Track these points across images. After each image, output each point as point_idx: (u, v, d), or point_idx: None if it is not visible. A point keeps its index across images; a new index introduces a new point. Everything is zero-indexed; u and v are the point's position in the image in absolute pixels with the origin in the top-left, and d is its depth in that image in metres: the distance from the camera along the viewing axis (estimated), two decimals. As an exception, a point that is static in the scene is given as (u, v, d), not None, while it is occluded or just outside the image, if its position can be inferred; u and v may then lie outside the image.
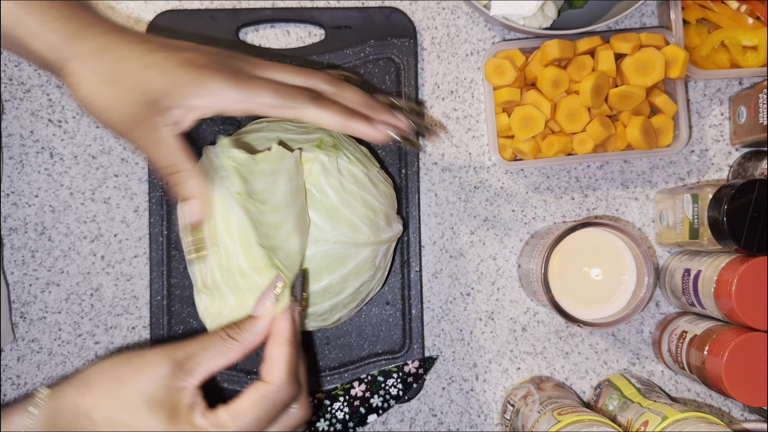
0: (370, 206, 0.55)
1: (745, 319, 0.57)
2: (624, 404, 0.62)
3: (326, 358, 0.66)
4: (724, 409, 0.68)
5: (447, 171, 0.69)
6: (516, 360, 0.68)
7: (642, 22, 0.70)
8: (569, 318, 0.60)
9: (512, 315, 0.68)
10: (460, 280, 0.68)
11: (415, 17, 0.69)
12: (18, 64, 0.67)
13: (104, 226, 0.67)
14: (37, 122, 0.67)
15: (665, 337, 0.66)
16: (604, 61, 0.63)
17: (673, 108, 0.65)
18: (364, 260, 0.54)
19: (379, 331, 0.66)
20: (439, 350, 0.68)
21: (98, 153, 0.67)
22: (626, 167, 0.69)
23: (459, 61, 0.69)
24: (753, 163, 0.67)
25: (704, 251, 0.64)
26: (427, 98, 0.69)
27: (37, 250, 0.66)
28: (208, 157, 0.52)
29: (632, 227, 0.69)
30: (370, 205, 0.55)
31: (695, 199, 0.62)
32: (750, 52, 0.67)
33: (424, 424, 0.68)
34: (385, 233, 0.56)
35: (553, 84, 0.64)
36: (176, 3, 0.68)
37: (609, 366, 0.69)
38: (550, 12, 0.65)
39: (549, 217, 0.69)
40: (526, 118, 0.64)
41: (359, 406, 0.65)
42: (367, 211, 0.54)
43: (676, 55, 0.63)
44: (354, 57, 0.67)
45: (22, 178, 0.67)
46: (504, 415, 0.66)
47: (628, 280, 0.62)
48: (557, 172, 0.69)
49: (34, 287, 0.66)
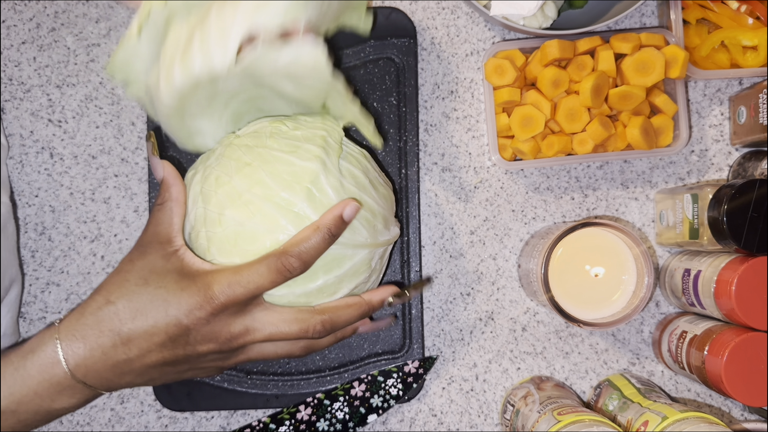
0: (369, 208, 0.54)
1: (745, 319, 0.57)
2: (624, 404, 0.62)
3: (326, 358, 0.66)
4: (724, 409, 0.68)
5: (447, 171, 0.69)
6: (516, 360, 0.68)
7: (642, 22, 0.70)
8: (569, 318, 0.60)
9: (512, 315, 0.68)
10: (460, 280, 0.68)
11: (415, 17, 0.69)
12: (18, 64, 0.67)
13: (104, 226, 0.67)
14: (37, 122, 0.67)
15: (665, 337, 0.66)
16: (604, 61, 0.63)
17: (673, 108, 0.65)
18: (361, 262, 0.54)
19: (379, 331, 0.66)
20: (439, 350, 0.68)
21: (98, 153, 0.67)
22: (626, 167, 0.69)
23: (459, 61, 0.69)
24: (753, 163, 0.67)
25: (704, 251, 0.64)
26: (427, 98, 0.69)
27: (37, 250, 0.66)
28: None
29: (632, 227, 0.69)
30: (369, 207, 0.54)
31: (695, 199, 0.62)
32: (750, 52, 0.67)
33: (424, 424, 0.68)
34: (383, 236, 0.56)
35: (553, 84, 0.64)
36: (176, 3, 0.68)
37: (609, 366, 0.69)
38: (550, 12, 0.65)
39: (549, 217, 0.69)
40: (526, 118, 0.64)
41: (359, 406, 0.65)
42: (366, 213, 0.54)
43: (676, 55, 0.63)
44: (354, 57, 0.67)
45: (22, 178, 0.67)
46: (504, 415, 0.66)
47: (628, 280, 0.62)
48: (557, 172, 0.69)
49: (34, 287, 0.66)
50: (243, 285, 0.49)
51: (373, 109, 0.67)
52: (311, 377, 0.66)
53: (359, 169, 0.55)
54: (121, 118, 0.67)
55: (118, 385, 0.51)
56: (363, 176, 0.55)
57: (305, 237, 0.50)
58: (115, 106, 0.67)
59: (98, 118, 0.67)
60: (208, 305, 0.48)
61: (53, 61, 0.67)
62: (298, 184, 0.51)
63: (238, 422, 0.67)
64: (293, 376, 0.66)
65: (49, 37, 0.67)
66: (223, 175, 0.53)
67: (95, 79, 0.67)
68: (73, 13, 0.68)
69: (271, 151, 0.53)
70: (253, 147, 0.54)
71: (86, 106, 0.67)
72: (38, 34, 0.67)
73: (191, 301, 0.49)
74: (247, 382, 0.65)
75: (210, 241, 0.52)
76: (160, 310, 0.49)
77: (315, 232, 0.50)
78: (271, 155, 0.53)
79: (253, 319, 0.51)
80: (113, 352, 0.49)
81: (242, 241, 0.51)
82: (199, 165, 0.56)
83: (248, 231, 0.51)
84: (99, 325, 0.49)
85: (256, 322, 0.51)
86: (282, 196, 0.51)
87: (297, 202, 0.51)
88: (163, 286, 0.49)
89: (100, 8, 0.68)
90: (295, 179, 0.52)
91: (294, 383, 0.65)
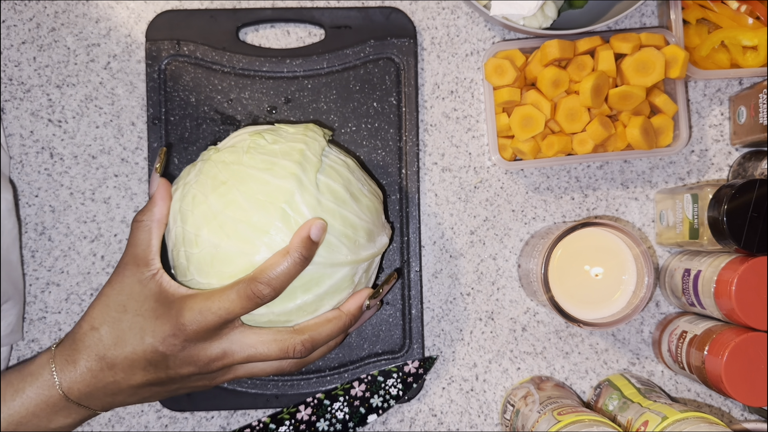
0: (349, 224, 0.53)
1: (745, 319, 0.57)
2: (624, 404, 0.62)
3: (326, 358, 0.66)
4: (724, 409, 0.68)
5: (447, 171, 0.69)
6: (516, 360, 0.68)
7: (642, 22, 0.70)
8: (569, 318, 0.60)
9: (512, 315, 0.68)
10: (460, 280, 0.68)
11: (415, 17, 0.69)
12: (18, 64, 0.67)
13: (104, 226, 0.67)
14: (37, 122, 0.67)
15: (665, 337, 0.66)
16: (604, 61, 0.63)
17: (673, 108, 0.65)
18: (342, 279, 0.54)
19: (379, 331, 0.66)
20: (439, 350, 0.68)
21: (98, 153, 0.67)
22: (626, 167, 0.69)
23: (459, 61, 0.69)
24: (753, 163, 0.67)
25: (704, 251, 0.64)
26: (427, 98, 0.69)
27: (37, 250, 0.66)
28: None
29: (632, 227, 0.69)
30: (349, 222, 0.53)
31: (695, 199, 0.62)
32: (750, 52, 0.67)
33: (424, 424, 0.68)
34: (366, 250, 0.55)
35: (553, 84, 0.64)
36: (176, 3, 0.68)
37: (609, 366, 0.69)
38: (550, 12, 0.65)
39: (549, 217, 0.69)
40: (526, 118, 0.64)
41: (359, 406, 0.65)
42: (346, 230, 0.53)
43: (676, 55, 0.63)
44: (354, 57, 0.67)
45: (22, 178, 0.67)
46: (504, 415, 0.66)
47: (628, 280, 0.62)
48: (557, 172, 0.69)
49: (34, 287, 0.66)
50: (213, 312, 0.50)
51: (373, 109, 0.67)
52: (311, 377, 0.66)
53: (339, 183, 0.54)
54: (121, 118, 0.67)
55: (111, 404, 0.53)
56: (343, 190, 0.54)
57: (275, 263, 0.50)
58: (115, 106, 0.67)
59: (98, 118, 0.67)
60: (180, 333, 0.50)
61: (53, 61, 0.67)
62: (272, 204, 0.51)
63: (238, 422, 0.67)
64: (293, 376, 0.66)
65: (49, 37, 0.67)
66: (199, 194, 0.52)
67: (95, 79, 0.67)
68: (73, 13, 0.68)
69: (246, 168, 0.52)
70: (229, 164, 0.53)
71: (86, 106, 0.67)
72: (38, 34, 0.67)
73: (165, 329, 0.50)
74: (247, 382, 0.65)
75: (189, 261, 0.52)
76: (138, 338, 0.51)
77: (284, 258, 0.50)
78: (246, 173, 0.52)
79: (230, 342, 0.51)
80: (102, 375, 0.51)
81: (218, 262, 0.51)
82: (180, 181, 0.56)
83: (223, 253, 0.51)
84: (87, 351, 0.51)
85: (234, 345, 0.51)
86: (256, 218, 0.51)
87: (271, 222, 0.51)
88: (140, 314, 0.51)
89: (100, 8, 0.68)
90: (269, 199, 0.51)
91: (294, 383, 0.65)
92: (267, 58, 0.67)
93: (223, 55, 0.66)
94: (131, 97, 0.67)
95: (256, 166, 0.52)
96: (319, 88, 0.67)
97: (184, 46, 0.66)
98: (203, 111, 0.66)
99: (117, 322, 0.51)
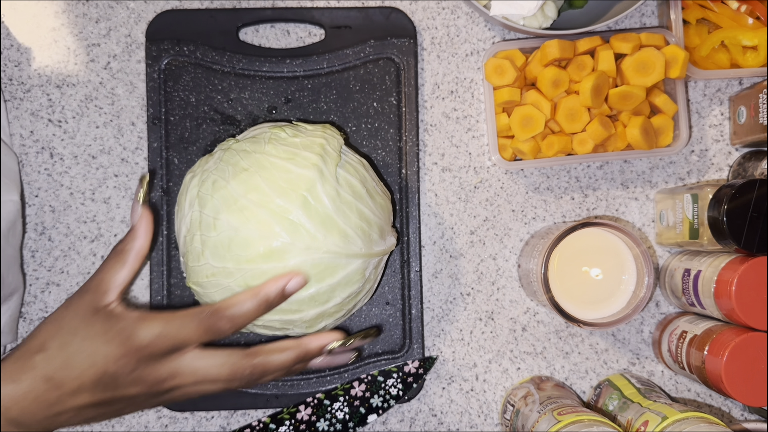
0: (365, 218, 0.54)
1: (745, 319, 0.57)
2: (624, 404, 0.62)
3: (326, 358, 0.66)
4: (724, 409, 0.68)
5: (447, 171, 0.69)
6: (516, 360, 0.68)
7: (642, 22, 0.70)
8: (569, 318, 0.60)
9: (512, 315, 0.68)
10: (460, 280, 0.68)
11: (415, 17, 0.69)
12: (18, 64, 0.67)
13: (104, 226, 0.67)
14: (37, 122, 0.67)
15: (665, 337, 0.66)
16: (604, 61, 0.63)
17: (673, 108, 0.65)
18: (354, 271, 0.54)
19: (379, 332, 0.66)
20: (439, 350, 0.68)
21: (98, 153, 0.67)
22: (626, 167, 0.69)
23: (459, 61, 0.69)
24: (753, 163, 0.67)
25: (704, 251, 0.64)
26: (427, 98, 0.69)
27: (37, 250, 0.66)
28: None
29: (632, 227, 0.69)
30: (365, 216, 0.54)
31: (695, 199, 0.62)
32: (750, 52, 0.67)
33: (424, 424, 0.68)
34: (378, 246, 0.56)
35: (553, 84, 0.64)
36: (176, 3, 0.68)
37: (609, 366, 0.69)
38: (550, 12, 0.65)
39: (549, 217, 0.69)
40: (526, 118, 0.64)
41: (359, 406, 0.65)
42: (362, 223, 0.54)
43: (676, 55, 0.63)
44: (354, 57, 0.67)
45: (23, 178, 0.67)
46: (504, 415, 0.66)
47: (628, 280, 0.62)
48: (557, 172, 0.69)
49: (34, 287, 0.66)
50: (170, 338, 0.49)
51: (373, 109, 0.67)
52: (311, 377, 0.66)
53: (357, 178, 0.55)
54: (121, 118, 0.67)
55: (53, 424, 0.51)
56: (360, 185, 0.55)
57: (241, 301, 0.50)
58: (115, 106, 0.67)
59: (98, 118, 0.67)
60: (134, 354, 0.49)
61: (53, 61, 0.67)
62: (294, 192, 0.51)
63: (238, 422, 0.67)
64: (293, 376, 0.66)
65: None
66: (220, 180, 0.53)
67: (95, 79, 0.67)
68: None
69: (268, 157, 0.53)
70: (251, 152, 0.54)
71: (86, 106, 0.67)
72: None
73: (117, 350, 0.49)
74: (247, 382, 0.65)
75: (204, 245, 0.52)
76: (88, 360, 0.49)
77: (251, 298, 0.50)
78: (268, 161, 0.53)
79: (180, 363, 0.51)
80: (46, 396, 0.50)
81: (236, 246, 0.51)
82: (197, 168, 0.56)
83: (242, 236, 0.51)
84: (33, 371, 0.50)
85: (184, 367, 0.51)
86: (277, 203, 0.51)
87: (292, 209, 0.51)
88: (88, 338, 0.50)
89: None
90: (292, 186, 0.52)
91: (294, 383, 0.65)
92: (267, 58, 0.67)
93: (223, 55, 0.66)
94: (131, 97, 0.67)
95: (279, 155, 0.53)
96: (319, 88, 0.67)
97: (184, 46, 0.66)
98: (203, 111, 0.66)
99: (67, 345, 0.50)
